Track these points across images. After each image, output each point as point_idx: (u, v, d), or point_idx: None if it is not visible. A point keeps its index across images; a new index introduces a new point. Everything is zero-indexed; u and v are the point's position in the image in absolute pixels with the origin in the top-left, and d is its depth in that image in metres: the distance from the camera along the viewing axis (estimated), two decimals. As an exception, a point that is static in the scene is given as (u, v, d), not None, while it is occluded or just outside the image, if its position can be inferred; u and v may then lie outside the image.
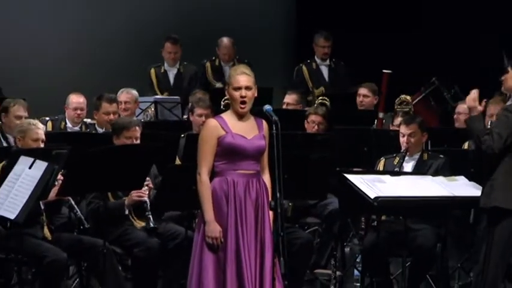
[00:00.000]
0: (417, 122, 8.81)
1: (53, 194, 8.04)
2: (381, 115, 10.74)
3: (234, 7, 13.95)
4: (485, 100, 7.49)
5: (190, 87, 12.07)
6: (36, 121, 8.67)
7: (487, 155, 7.19)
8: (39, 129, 8.37)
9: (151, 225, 8.46)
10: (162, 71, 12.35)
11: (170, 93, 12.02)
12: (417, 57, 12.51)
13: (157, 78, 12.34)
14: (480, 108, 7.32)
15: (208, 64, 12.57)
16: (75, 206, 8.40)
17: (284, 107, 11.18)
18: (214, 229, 6.80)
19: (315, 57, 12.61)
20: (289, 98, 11.39)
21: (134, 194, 8.43)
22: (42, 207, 8.10)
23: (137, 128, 8.77)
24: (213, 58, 12.65)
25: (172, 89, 12.21)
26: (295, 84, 12.50)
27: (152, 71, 12.36)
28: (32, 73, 13.03)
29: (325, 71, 12.58)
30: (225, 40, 12.70)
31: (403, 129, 8.87)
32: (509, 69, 7.29)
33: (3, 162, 7.98)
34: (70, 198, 8.30)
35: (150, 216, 8.49)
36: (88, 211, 8.54)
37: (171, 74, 12.39)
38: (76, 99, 10.53)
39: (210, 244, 6.82)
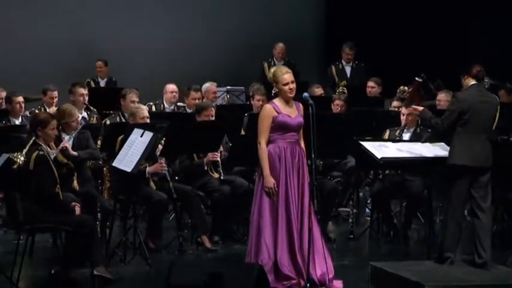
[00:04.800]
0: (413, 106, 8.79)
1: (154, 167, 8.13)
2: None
3: (285, 21, 13.94)
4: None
5: None
6: (139, 105, 8.72)
7: (438, 129, 7.26)
8: (143, 110, 8.41)
9: (222, 177, 8.55)
10: None
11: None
12: (413, 57, 12.41)
13: None
14: (421, 108, 7.42)
15: (266, 64, 12.58)
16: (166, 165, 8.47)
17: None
18: (270, 181, 6.81)
19: (342, 60, 12.59)
20: (320, 90, 11.46)
21: (210, 156, 8.49)
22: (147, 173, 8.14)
23: (212, 109, 8.81)
24: (270, 60, 12.66)
25: None
26: (328, 78, 12.57)
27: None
28: (136, 69, 12.94)
29: (348, 70, 12.45)
30: (281, 44, 12.71)
31: (403, 110, 8.78)
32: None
33: (121, 136, 8.01)
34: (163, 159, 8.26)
35: (221, 171, 8.57)
36: (181, 167, 8.60)
37: None
38: (171, 87, 10.56)
39: (267, 192, 6.81)
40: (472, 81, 7.09)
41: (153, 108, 10.31)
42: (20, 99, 9.54)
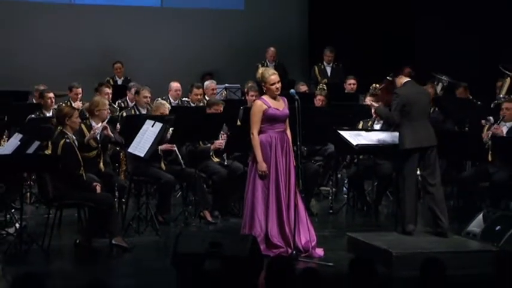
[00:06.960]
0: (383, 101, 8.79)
1: (165, 146, 8.16)
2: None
3: (274, 29, 13.87)
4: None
5: None
6: (164, 102, 8.67)
7: (390, 123, 7.44)
8: (165, 107, 8.43)
9: (225, 162, 8.58)
10: None
11: None
12: (384, 58, 12.38)
13: None
14: (376, 105, 7.61)
15: (260, 66, 12.53)
16: (177, 151, 8.51)
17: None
18: (263, 166, 6.81)
19: (323, 61, 12.60)
20: (304, 87, 11.46)
21: (217, 144, 8.48)
22: (160, 150, 8.14)
23: (221, 104, 8.85)
24: (263, 62, 12.64)
25: None
26: (312, 77, 12.57)
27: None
28: (149, 69, 12.83)
29: (329, 70, 12.43)
30: (272, 48, 12.66)
31: (375, 104, 8.83)
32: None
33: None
34: (175, 145, 8.29)
35: (225, 156, 8.59)
36: (187, 152, 8.54)
37: None
38: (175, 85, 10.53)
39: (260, 175, 6.82)
40: (406, 79, 7.26)
41: None
42: (51, 95, 9.58)
